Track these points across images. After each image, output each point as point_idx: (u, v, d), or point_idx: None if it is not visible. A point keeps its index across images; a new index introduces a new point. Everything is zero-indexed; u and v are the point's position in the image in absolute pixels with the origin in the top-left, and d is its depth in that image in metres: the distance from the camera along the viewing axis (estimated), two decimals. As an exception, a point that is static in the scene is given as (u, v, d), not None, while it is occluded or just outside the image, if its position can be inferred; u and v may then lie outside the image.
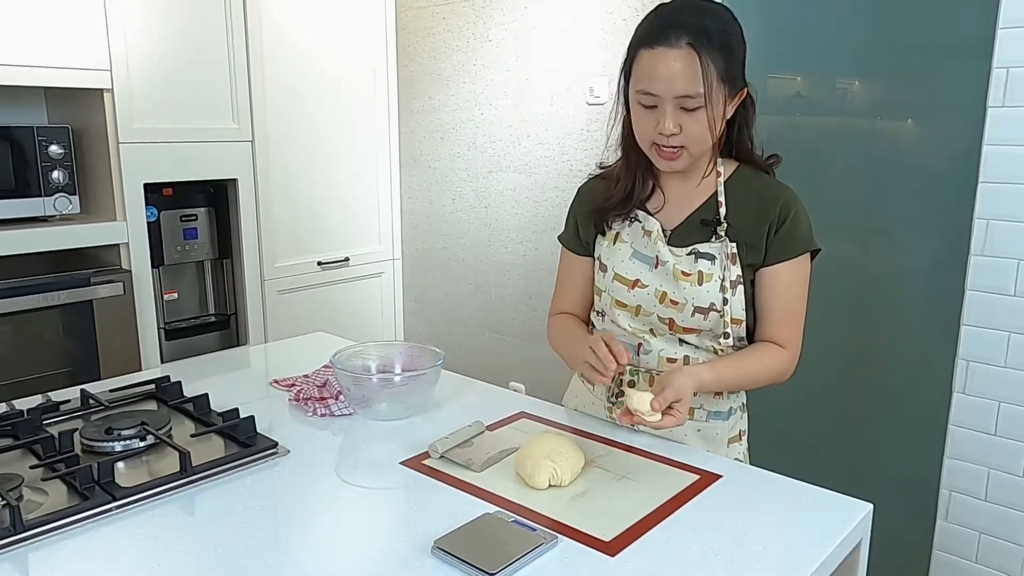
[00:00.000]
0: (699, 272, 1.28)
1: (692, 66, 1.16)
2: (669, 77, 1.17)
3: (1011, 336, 1.87)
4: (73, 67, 2.32)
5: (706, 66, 1.16)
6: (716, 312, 1.28)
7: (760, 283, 1.30)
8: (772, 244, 1.28)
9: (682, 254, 1.29)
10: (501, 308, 3.09)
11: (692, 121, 1.20)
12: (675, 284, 1.29)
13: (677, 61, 1.17)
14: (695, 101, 1.18)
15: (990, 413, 1.93)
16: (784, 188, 1.31)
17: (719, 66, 1.18)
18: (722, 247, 1.28)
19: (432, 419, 1.42)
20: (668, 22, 1.19)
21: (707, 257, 1.28)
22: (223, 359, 2.00)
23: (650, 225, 1.32)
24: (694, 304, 1.28)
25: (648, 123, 1.23)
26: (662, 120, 1.20)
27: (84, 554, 0.98)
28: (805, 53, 2.25)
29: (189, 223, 2.76)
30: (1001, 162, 1.84)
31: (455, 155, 3.14)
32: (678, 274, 1.28)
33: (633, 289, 1.33)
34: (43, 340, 2.34)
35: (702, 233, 1.30)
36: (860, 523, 1.08)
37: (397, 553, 0.98)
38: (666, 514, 1.07)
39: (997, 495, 1.94)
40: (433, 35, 3.11)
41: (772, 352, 1.30)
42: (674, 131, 1.20)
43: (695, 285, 1.28)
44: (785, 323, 1.31)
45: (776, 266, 1.29)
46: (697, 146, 1.23)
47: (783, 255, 1.28)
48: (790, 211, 1.27)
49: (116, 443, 1.24)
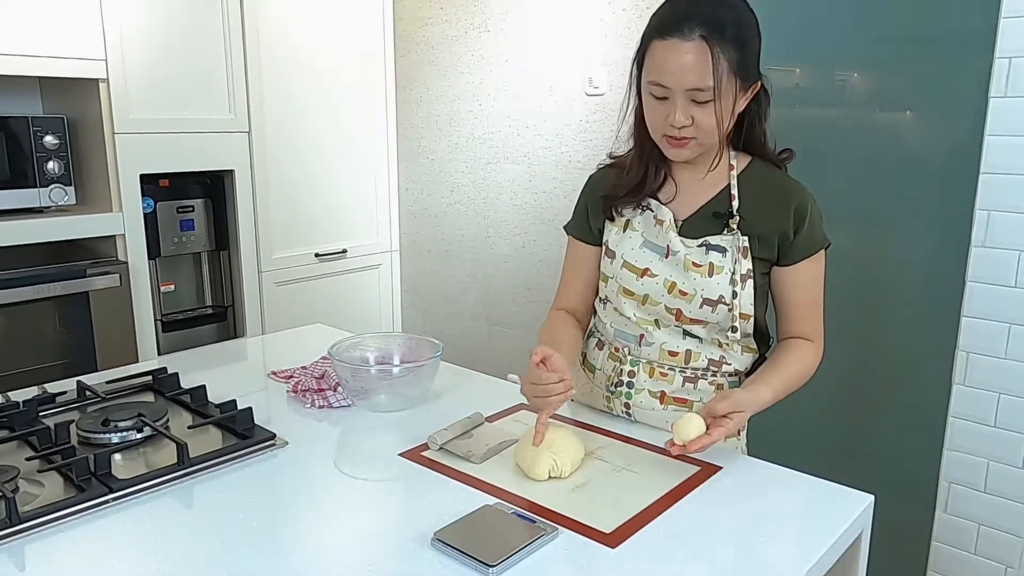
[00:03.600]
0: (710, 264, 1.27)
1: (704, 59, 1.15)
2: (680, 70, 1.16)
3: (1011, 327, 1.87)
4: (68, 57, 2.30)
5: (717, 60, 1.15)
6: (724, 305, 1.27)
7: (782, 282, 1.31)
8: (793, 246, 1.28)
9: (693, 245, 1.29)
10: (499, 300, 3.09)
11: (703, 113, 1.19)
12: (685, 274, 1.28)
13: (689, 54, 1.15)
14: (705, 94, 1.17)
15: (990, 405, 1.92)
16: (798, 186, 1.31)
17: (732, 59, 1.16)
18: (734, 240, 1.27)
19: (431, 411, 1.41)
20: (682, 13, 1.17)
21: (718, 249, 1.27)
22: (220, 351, 1.99)
23: (663, 215, 1.31)
24: (703, 295, 1.27)
25: (659, 113, 1.23)
26: (673, 112, 1.20)
27: (81, 546, 0.97)
28: (805, 44, 2.24)
29: (186, 214, 2.74)
30: (1003, 153, 1.83)
31: (453, 146, 3.13)
32: (688, 264, 1.28)
33: (642, 278, 1.32)
34: (39, 332, 2.33)
35: (714, 225, 1.29)
36: (861, 515, 1.07)
37: (397, 545, 0.97)
38: (667, 506, 1.06)
39: (997, 487, 1.94)
40: (431, 25, 3.10)
41: (804, 349, 1.32)
42: (685, 123, 1.20)
43: (705, 276, 1.27)
44: (810, 318, 1.33)
45: (797, 265, 1.30)
46: (707, 137, 1.22)
47: (803, 254, 1.29)
48: (806, 212, 1.28)
49: (113, 435, 1.23)
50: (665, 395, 1.34)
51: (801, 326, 1.33)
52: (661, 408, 1.35)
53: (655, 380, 1.34)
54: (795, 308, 1.32)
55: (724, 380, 1.35)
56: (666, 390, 1.34)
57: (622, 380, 1.37)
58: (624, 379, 1.36)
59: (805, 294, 1.32)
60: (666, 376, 1.34)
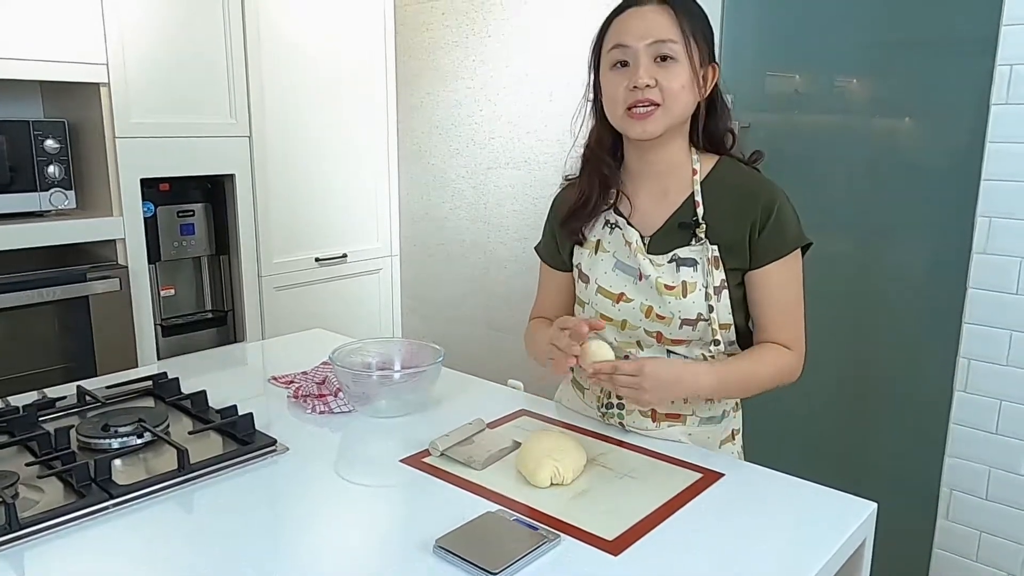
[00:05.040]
0: (683, 283, 1.23)
1: (665, 16, 1.18)
2: (643, 25, 1.18)
3: (1013, 334, 1.86)
4: (69, 61, 2.30)
5: (681, 19, 1.18)
6: (704, 321, 1.24)
7: (752, 286, 1.26)
8: (759, 246, 1.23)
9: (663, 262, 1.25)
10: (499, 305, 3.08)
11: (668, 75, 1.18)
12: (660, 299, 1.24)
13: (650, 12, 1.19)
14: (670, 48, 1.17)
15: (991, 411, 1.92)
16: (765, 183, 1.26)
17: (695, 24, 1.19)
18: (703, 250, 1.23)
19: (432, 417, 1.41)
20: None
21: (688, 263, 1.24)
22: (220, 356, 1.98)
23: (629, 235, 1.28)
24: (681, 317, 1.24)
25: (620, 82, 1.21)
26: (635, 73, 1.18)
27: (81, 553, 0.97)
28: (805, 50, 2.24)
29: (186, 219, 2.74)
30: (1004, 160, 1.83)
31: (454, 151, 3.13)
32: (662, 288, 1.24)
33: (618, 303, 1.28)
34: (39, 336, 2.32)
35: (682, 237, 1.25)
36: (864, 523, 1.07)
37: (398, 552, 0.97)
38: (669, 513, 1.06)
39: (998, 494, 1.94)
40: (432, 30, 3.10)
41: (775, 352, 1.26)
42: (648, 83, 1.18)
43: (680, 298, 1.23)
44: (785, 325, 1.26)
45: (766, 267, 1.24)
46: (673, 102, 1.19)
47: (772, 256, 1.23)
48: (772, 209, 1.22)
49: (113, 440, 1.23)
50: (656, 412, 1.31)
51: (774, 333, 1.26)
52: (654, 426, 1.31)
53: None
54: (768, 314, 1.26)
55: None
56: (656, 407, 1.31)
57: (611, 401, 1.34)
58: (614, 400, 1.33)
59: (777, 299, 1.25)
60: None
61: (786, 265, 1.24)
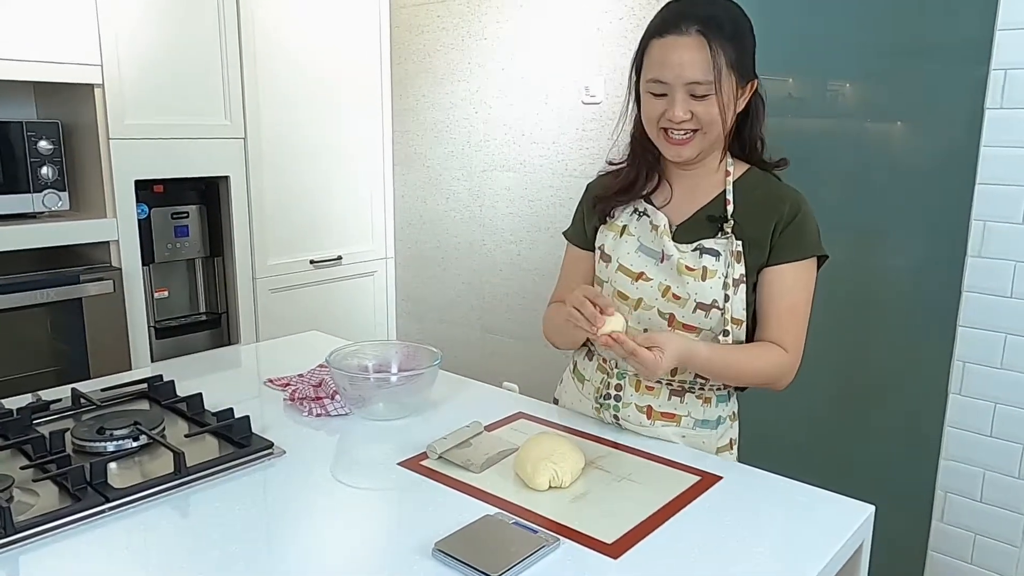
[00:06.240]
0: (703, 267, 1.27)
1: (702, 53, 1.18)
2: (679, 64, 1.19)
3: (1007, 337, 1.87)
4: (63, 62, 2.29)
5: (716, 53, 1.17)
6: (718, 309, 1.26)
7: (763, 283, 1.29)
8: (777, 243, 1.27)
9: (687, 250, 1.29)
10: (494, 308, 3.08)
11: (702, 107, 1.21)
12: (679, 278, 1.27)
13: (687, 48, 1.18)
14: (704, 88, 1.19)
15: (986, 414, 1.93)
16: (793, 191, 1.31)
17: (729, 55, 1.19)
18: (727, 244, 1.27)
19: (429, 419, 1.40)
20: (679, 12, 1.21)
21: (712, 253, 1.27)
22: (215, 358, 1.97)
23: (658, 220, 1.32)
24: (696, 300, 1.27)
25: (657, 109, 1.24)
26: (672, 107, 1.21)
27: (76, 556, 0.96)
28: (799, 54, 2.24)
29: (180, 220, 2.73)
30: (998, 164, 1.84)
31: (449, 154, 3.13)
32: (682, 268, 1.27)
33: (637, 282, 1.31)
34: (32, 338, 2.31)
35: (708, 229, 1.29)
36: (862, 526, 1.07)
37: (396, 555, 0.96)
38: (668, 516, 1.06)
39: (993, 496, 1.95)
40: (427, 32, 3.10)
41: (771, 351, 1.27)
42: (684, 118, 1.21)
43: (698, 280, 1.26)
44: (787, 327, 1.28)
45: (781, 266, 1.27)
46: (709, 128, 1.23)
47: (788, 256, 1.27)
48: (798, 212, 1.27)
49: (108, 443, 1.22)
50: (652, 410, 1.33)
51: (775, 333, 1.28)
52: (649, 424, 1.33)
53: (641, 394, 1.33)
54: (773, 313, 1.28)
55: (712, 394, 1.34)
56: (652, 404, 1.33)
57: (610, 393, 1.36)
58: (612, 392, 1.35)
59: (785, 300, 1.27)
60: (652, 390, 1.33)
61: (800, 270, 1.28)
